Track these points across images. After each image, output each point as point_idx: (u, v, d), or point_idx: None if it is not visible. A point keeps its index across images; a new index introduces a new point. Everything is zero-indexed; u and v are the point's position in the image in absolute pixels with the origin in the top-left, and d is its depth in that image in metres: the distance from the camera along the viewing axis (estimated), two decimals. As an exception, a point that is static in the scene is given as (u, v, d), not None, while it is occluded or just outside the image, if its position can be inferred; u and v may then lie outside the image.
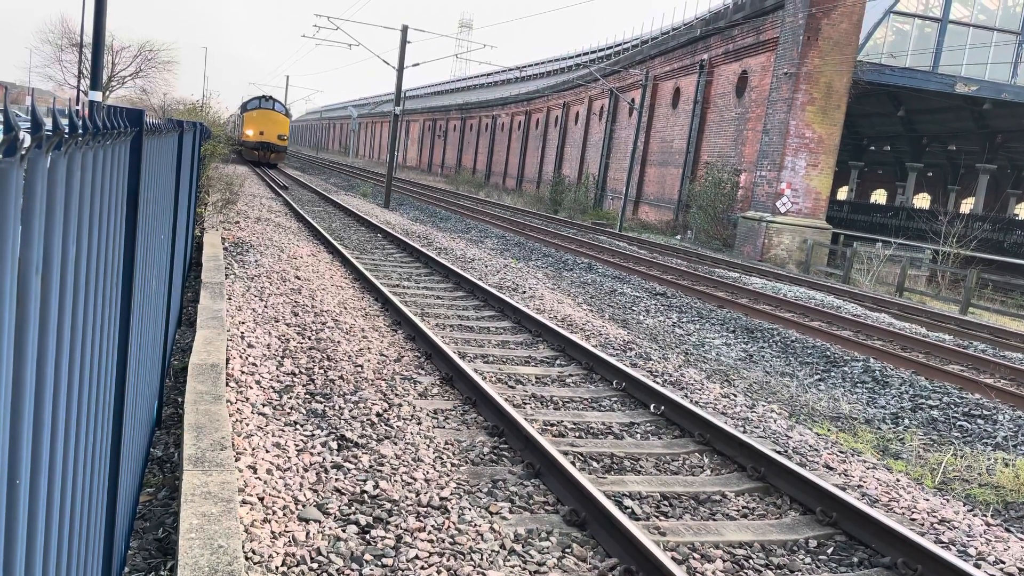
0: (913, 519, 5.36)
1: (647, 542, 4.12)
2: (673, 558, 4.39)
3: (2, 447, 1.29)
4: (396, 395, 6.59)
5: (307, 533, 4.14)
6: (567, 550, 4.36)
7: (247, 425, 5.46)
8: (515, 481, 5.18)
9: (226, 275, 10.47)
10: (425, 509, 4.59)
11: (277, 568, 3.79)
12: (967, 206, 43.65)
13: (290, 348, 7.58)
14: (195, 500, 3.83)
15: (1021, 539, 5.35)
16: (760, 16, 29.25)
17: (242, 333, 7.85)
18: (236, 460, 4.76)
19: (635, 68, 40.41)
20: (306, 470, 4.91)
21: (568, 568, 4.17)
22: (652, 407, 6.96)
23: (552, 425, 6.42)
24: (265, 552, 3.88)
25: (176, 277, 6.77)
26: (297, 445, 5.27)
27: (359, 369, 7.18)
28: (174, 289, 6.54)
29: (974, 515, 5.67)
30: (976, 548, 5.00)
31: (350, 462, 5.11)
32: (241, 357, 7.02)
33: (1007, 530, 5.48)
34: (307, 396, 6.31)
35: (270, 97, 49.66)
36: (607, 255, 20.69)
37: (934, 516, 5.44)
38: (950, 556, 4.38)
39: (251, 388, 6.27)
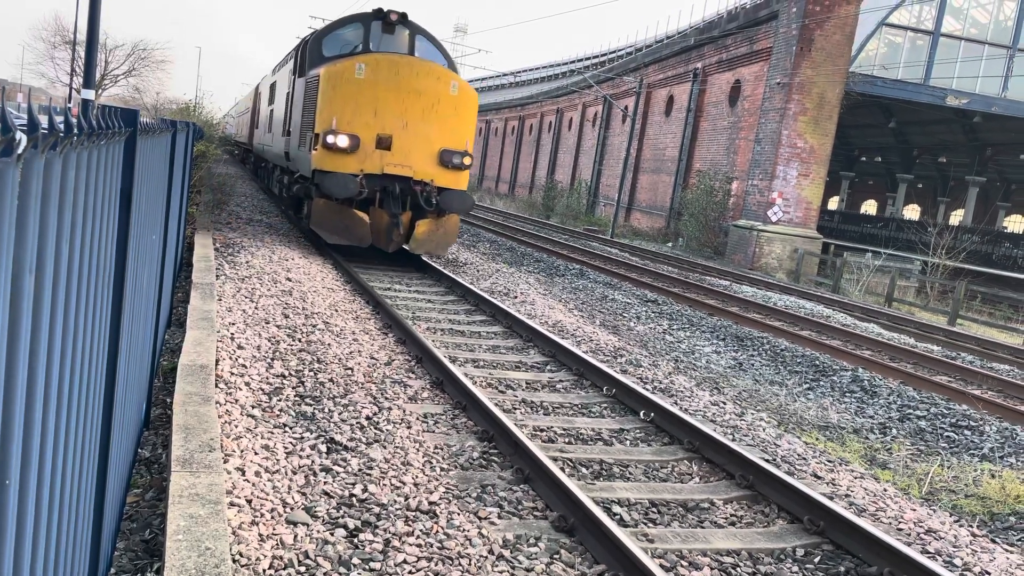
0: (900, 529, 5.38)
1: (635, 549, 4.12)
2: (661, 565, 4.40)
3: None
4: (386, 398, 6.58)
5: (295, 536, 4.13)
6: (555, 556, 4.36)
7: (236, 427, 5.44)
8: (504, 486, 5.18)
9: (217, 276, 10.43)
10: (414, 513, 4.58)
11: (264, 571, 3.78)
12: (956, 218, 43.93)
13: (280, 350, 7.56)
14: (183, 502, 3.81)
15: (1007, 550, 5.38)
16: (754, 26, 29.40)
17: (232, 334, 7.82)
18: (224, 462, 4.74)
19: (629, 75, 40.54)
20: (295, 473, 4.89)
21: (556, 574, 4.17)
22: (642, 414, 6.97)
23: (542, 430, 6.42)
24: (252, 555, 3.86)
25: (167, 277, 6.75)
26: (286, 447, 5.26)
27: (349, 372, 7.16)
28: (165, 289, 6.52)
29: (960, 526, 5.70)
30: (962, 559, 5.03)
31: (339, 465, 5.10)
32: (231, 358, 7.00)
33: (993, 541, 5.51)
34: (297, 398, 6.30)
35: (403, 17, 14.22)
36: (599, 261, 20.72)
37: (921, 526, 5.46)
38: (936, 566, 4.40)
39: (240, 390, 6.25)
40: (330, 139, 12.37)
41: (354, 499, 4.65)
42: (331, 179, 12.25)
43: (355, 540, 4.20)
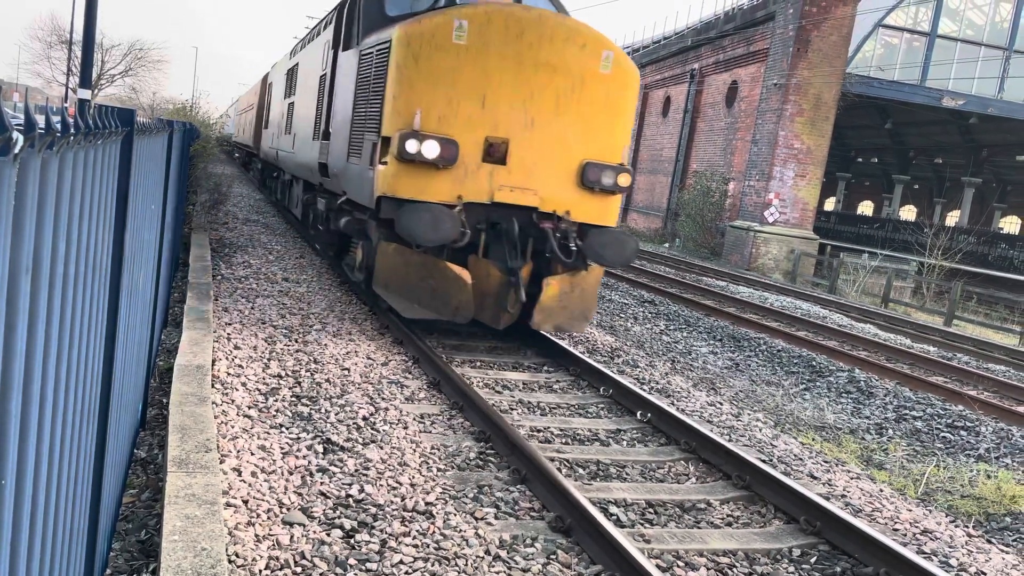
0: (896, 529, 5.39)
1: (632, 549, 4.13)
2: (658, 566, 4.40)
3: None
4: (383, 399, 6.58)
5: (291, 537, 4.13)
6: (552, 557, 4.36)
7: (232, 427, 5.44)
8: (501, 487, 5.17)
9: (213, 276, 10.42)
10: (410, 514, 4.58)
11: (260, 572, 3.77)
12: (952, 219, 44.05)
13: (277, 350, 7.55)
14: (179, 502, 3.81)
15: (1002, 550, 5.39)
16: (750, 27, 29.43)
17: (228, 334, 7.82)
18: (221, 462, 4.74)
19: (626, 76, 40.52)
20: (291, 473, 4.89)
21: (553, 575, 4.17)
22: (638, 414, 6.97)
23: (539, 431, 6.42)
24: (249, 555, 3.86)
25: (163, 277, 6.75)
26: (282, 448, 5.25)
27: (346, 372, 7.16)
28: (161, 289, 6.51)
29: (956, 526, 5.71)
30: (958, 559, 5.04)
31: (335, 466, 5.10)
32: (227, 359, 6.99)
33: (988, 541, 5.52)
34: (293, 399, 6.29)
35: None
36: (595, 262, 20.69)
37: (916, 527, 5.47)
38: (932, 567, 4.41)
39: (237, 390, 6.24)
40: (410, 146, 7.58)
41: (351, 500, 4.65)
42: (413, 214, 7.43)
43: (352, 541, 4.19)
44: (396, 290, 8.06)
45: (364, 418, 6.06)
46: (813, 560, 4.78)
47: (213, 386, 6.11)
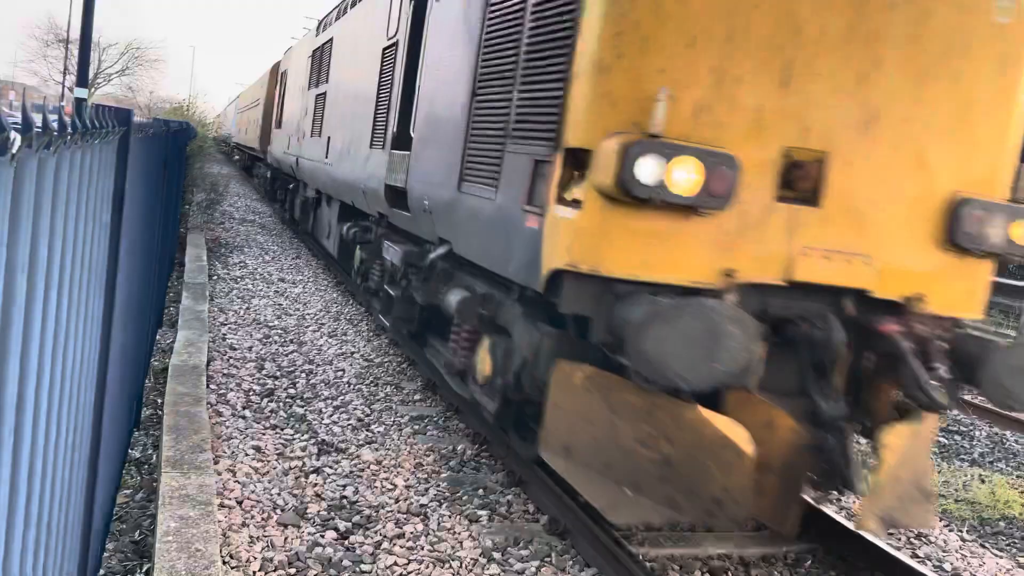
0: (890, 534, 5.39)
1: (627, 552, 4.12)
2: (652, 568, 4.40)
3: (-17, 447, 1.28)
4: (378, 400, 6.57)
5: (285, 538, 4.12)
6: (546, 559, 4.36)
7: (227, 428, 5.43)
8: (496, 489, 5.17)
9: (209, 276, 10.41)
10: (405, 516, 4.57)
11: (255, 573, 3.77)
12: (948, 224, 44.07)
13: (272, 351, 7.55)
14: (173, 503, 3.80)
15: (996, 555, 5.40)
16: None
17: (224, 335, 7.81)
18: (215, 463, 4.73)
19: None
20: (286, 474, 4.88)
21: (547, 577, 4.17)
22: (634, 417, 6.93)
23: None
24: (243, 556, 3.85)
25: (159, 277, 6.74)
26: (277, 449, 5.25)
27: (341, 373, 7.15)
28: (157, 289, 6.51)
29: (950, 530, 5.72)
30: (952, 563, 5.05)
31: (330, 467, 5.09)
32: (222, 359, 6.98)
33: (982, 546, 5.54)
34: (288, 399, 6.28)
35: None
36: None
37: (911, 531, 5.48)
38: (926, 571, 4.42)
39: (232, 391, 6.24)
40: (648, 170, 3.48)
41: (345, 501, 4.64)
42: (669, 326, 3.45)
43: (346, 542, 4.19)
44: (589, 460, 4.10)
45: (359, 419, 6.05)
46: (808, 564, 4.78)
47: (208, 386, 6.10)
